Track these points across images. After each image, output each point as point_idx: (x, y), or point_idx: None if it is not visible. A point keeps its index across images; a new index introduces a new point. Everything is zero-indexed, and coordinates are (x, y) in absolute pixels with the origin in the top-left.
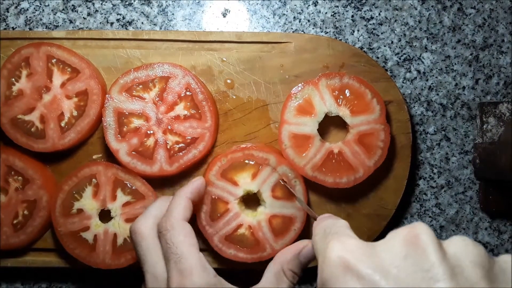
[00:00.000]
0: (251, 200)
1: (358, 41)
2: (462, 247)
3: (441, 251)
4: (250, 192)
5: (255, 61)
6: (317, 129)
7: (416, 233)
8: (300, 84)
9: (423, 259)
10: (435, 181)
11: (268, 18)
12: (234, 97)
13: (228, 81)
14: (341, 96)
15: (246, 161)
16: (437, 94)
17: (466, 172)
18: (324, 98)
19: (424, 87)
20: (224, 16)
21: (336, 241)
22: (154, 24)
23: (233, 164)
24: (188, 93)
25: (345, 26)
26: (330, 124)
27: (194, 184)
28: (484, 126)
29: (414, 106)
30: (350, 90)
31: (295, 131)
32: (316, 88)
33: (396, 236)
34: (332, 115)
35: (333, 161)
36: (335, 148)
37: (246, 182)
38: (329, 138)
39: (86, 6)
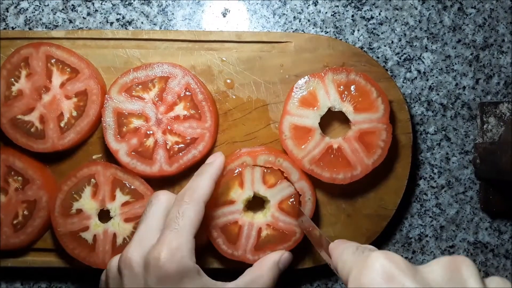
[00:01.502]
0: (256, 202)
1: (358, 40)
2: (502, 286)
3: (481, 283)
4: (249, 199)
5: (255, 61)
6: (319, 123)
7: (459, 260)
8: (306, 76)
9: (464, 285)
10: (435, 181)
11: (268, 17)
12: (234, 97)
13: (228, 81)
14: (346, 92)
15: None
16: (438, 94)
17: (466, 172)
18: (329, 92)
19: (425, 87)
20: (224, 16)
21: (380, 252)
22: (154, 24)
23: (220, 190)
24: (187, 93)
25: (345, 26)
26: (333, 119)
27: (219, 164)
28: (485, 126)
29: (415, 106)
30: (355, 87)
31: (297, 122)
32: (322, 81)
33: (439, 262)
34: (335, 110)
35: (332, 156)
36: (334, 143)
37: (239, 194)
38: (330, 133)
39: (86, 5)
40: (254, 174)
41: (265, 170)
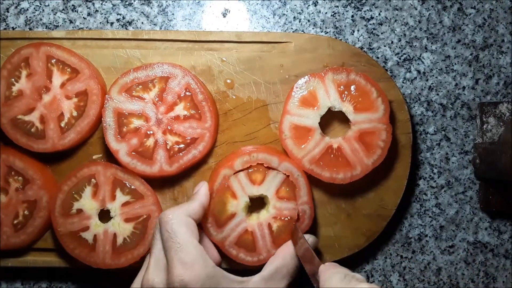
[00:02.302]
0: (256, 202)
1: (358, 41)
2: None
3: None
4: (248, 205)
5: (255, 61)
6: (319, 123)
7: None
8: (306, 76)
9: None
10: (435, 181)
11: (268, 18)
12: (234, 97)
13: (228, 81)
14: (346, 92)
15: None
16: (437, 94)
17: (466, 172)
18: (329, 92)
19: (424, 87)
20: (224, 16)
21: (366, 285)
22: (154, 24)
23: (218, 209)
24: (187, 93)
25: (345, 26)
26: (333, 119)
27: (204, 190)
28: (484, 126)
29: (414, 106)
30: (356, 87)
31: (297, 122)
32: (322, 81)
33: None
34: (335, 109)
35: (331, 156)
36: (334, 143)
37: (236, 205)
38: (330, 133)
39: (86, 6)
40: (240, 180)
41: (248, 171)
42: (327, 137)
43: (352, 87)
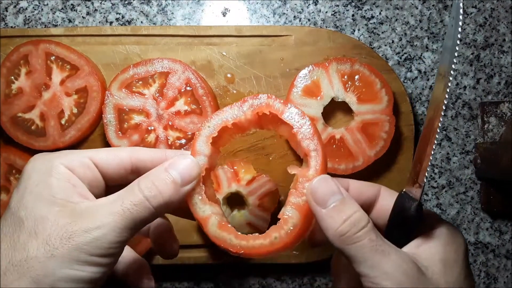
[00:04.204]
0: (234, 200)
1: (359, 40)
2: None
3: None
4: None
5: (255, 55)
6: (322, 113)
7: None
8: (310, 66)
9: None
10: (436, 181)
11: (268, 17)
12: (235, 91)
13: (229, 75)
14: (349, 82)
15: None
16: None
17: (467, 172)
18: (332, 82)
19: (425, 87)
20: (224, 15)
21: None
22: (154, 23)
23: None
24: (188, 88)
25: (345, 25)
26: (336, 109)
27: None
28: (485, 126)
29: (415, 106)
30: (359, 77)
31: None
32: (326, 71)
33: None
34: (339, 100)
35: (334, 146)
36: (337, 133)
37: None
38: (332, 123)
39: (85, 5)
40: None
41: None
42: (330, 128)
43: (356, 77)
